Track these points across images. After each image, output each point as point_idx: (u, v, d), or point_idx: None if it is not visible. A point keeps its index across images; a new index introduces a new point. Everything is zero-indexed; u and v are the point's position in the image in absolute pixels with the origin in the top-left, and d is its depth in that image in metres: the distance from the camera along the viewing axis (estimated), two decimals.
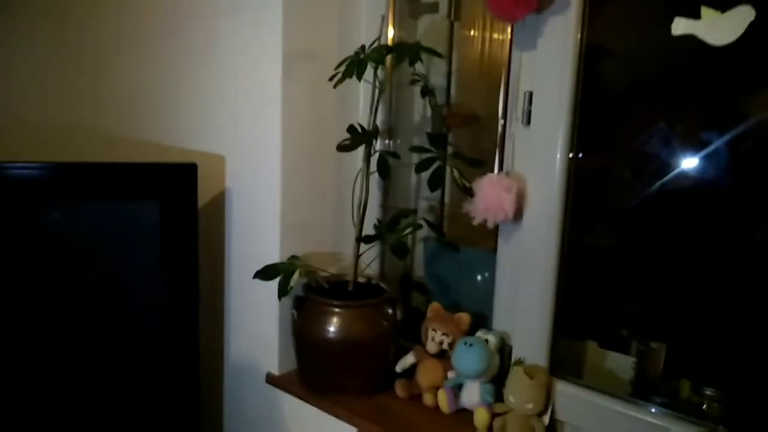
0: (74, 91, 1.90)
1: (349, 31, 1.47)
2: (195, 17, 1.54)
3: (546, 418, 1.20)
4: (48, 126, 1.88)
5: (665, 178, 1.31)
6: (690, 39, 1.03)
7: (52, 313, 1.28)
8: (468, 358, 1.25)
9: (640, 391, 1.28)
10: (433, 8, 1.53)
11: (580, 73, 1.17)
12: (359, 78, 1.22)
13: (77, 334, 1.31)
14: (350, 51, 1.28)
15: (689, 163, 1.29)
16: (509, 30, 1.28)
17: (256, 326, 1.50)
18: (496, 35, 1.50)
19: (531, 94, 1.21)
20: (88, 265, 1.32)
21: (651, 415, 1.14)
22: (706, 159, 1.27)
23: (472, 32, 1.53)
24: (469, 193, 1.23)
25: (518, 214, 1.24)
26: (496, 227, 1.30)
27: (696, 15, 1.02)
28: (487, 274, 1.48)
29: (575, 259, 1.28)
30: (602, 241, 1.45)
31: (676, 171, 1.30)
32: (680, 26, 1.01)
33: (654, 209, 1.35)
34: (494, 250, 1.45)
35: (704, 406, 1.19)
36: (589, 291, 1.43)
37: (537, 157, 1.22)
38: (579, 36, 1.16)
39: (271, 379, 1.47)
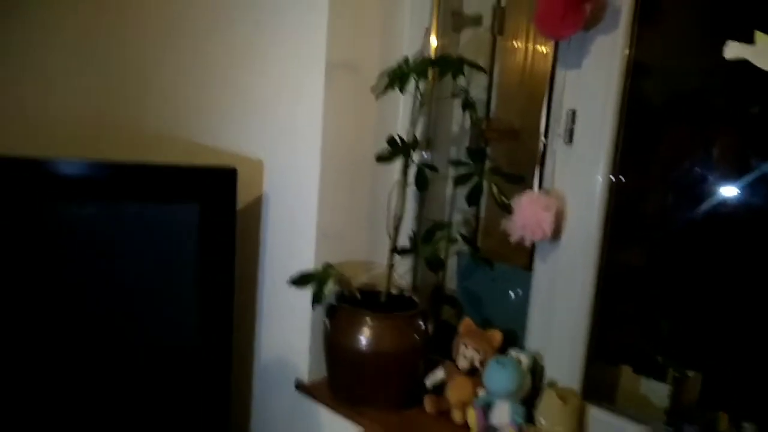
0: (113, 88, 1.93)
1: (392, 42, 1.47)
2: (240, 19, 1.55)
3: None
4: (85, 123, 1.91)
5: (708, 202, 1.28)
6: (741, 62, 1.00)
7: (86, 314, 1.30)
8: (500, 377, 1.23)
9: (675, 420, 1.25)
10: (477, 21, 1.52)
11: (625, 93, 1.15)
12: (402, 90, 1.22)
13: (111, 336, 1.32)
14: (392, 62, 1.28)
15: (732, 187, 1.26)
16: (552, 45, 1.27)
17: (287, 333, 1.51)
18: (539, 50, 1.48)
19: (574, 113, 1.20)
20: (124, 265, 1.33)
21: None
22: (749, 183, 1.24)
23: (514, 46, 1.52)
24: (507, 209, 1.22)
25: (556, 233, 1.23)
26: (532, 244, 1.29)
27: (748, 39, 0.99)
28: (520, 291, 1.46)
29: (612, 282, 1.25)
30: (640, 264, 1.42)
31: (719, 195, 1.27)
32: (733, 50, 0.99)
33: (695, 234, 1.32)
34: (528, 267, 1.43)
35: None
36: (624, 315, 1.40)
37: (578, 176, 1.20)
38: (626, 55, 1.14)
39: (300, 387, 1.47)
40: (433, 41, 1.46)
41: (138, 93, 1.89)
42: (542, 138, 1.25)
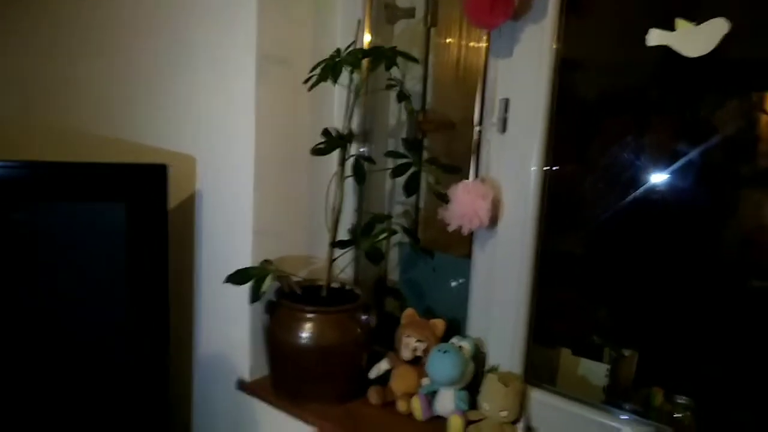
0: (37, 87, 1.85)
1: (324, 35, 1.46)
2: (169, 17, 1.51)
3: (520, 426, 1.20)
4: (10, 124, 1.83)
5: (638, 189, 1.32)
6: (664, 51, 1.04)
7: (10, 318, 1.23)
8: (443, 365, 1.24)
9: (613, 398, 1.29)
10: (410, 13, 1.52)
11: (555, 81, 1.17)
12: (334, 81, 1.21)
13: (39, 341, 1.27)
14: (325, 55, 1.27)
15: (660, 174, 1.31)
16: (485, 37, 1.28)
17: (226, 331, 1.48)
18: (472, 42, 1.50)
19: (507, 102, 1.21)
20: (51, 267, 1.27)
21: (622, 422, 1.14)
22: (676, 171, 1.29)
23: (448, 38, 1.53)
24: (443, 199, 1.23)
25: (493, 221, 1.24)
26: (471, 233, 1.30)
27: (671, 27, 1.03)
28: (461, 280, 1.48)
29: (548, 267, 1.28)
30: (575, 249, 1.46)
31: (648, 182, 1.31)
32: (655, 37, 1.02)
33: (626, 218, 1.36)
34: (468, 256, 1.45)
35: (675, 414, 1.20)
36: (561, 298, 1.44)
37: (512, 164, 1.22)
38: (554, 45, 1.16)
39: (242, 385, 1.45)
40: (366, 34, 1.46)
41: (65, 91, 1.81)
42: (477, 127, 1.26)
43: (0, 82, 1.83)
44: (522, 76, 1.19)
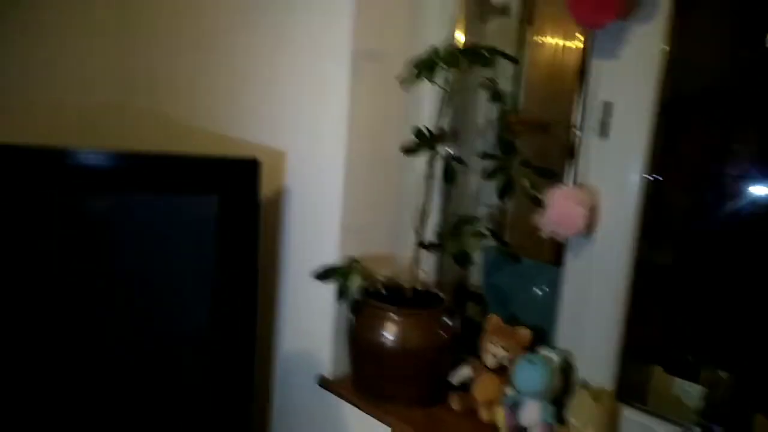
0: (134, 78, 1.91)
1: (418, 32, 1.44)
2: (265, 11, 1.52)
3: None
4: (106, 113, 1.89)
5: (742, 201, 1.24)
6: None
7: (104, 309, 1.27)
8: (530, 375, 1.20)
9: (708, 421, 1.22)
10: (504, 11, 1.48)
11: (664, 85, 1.11)
12: (430, 80, 1.18)
13: (130, 332, 1.30)
14: (418, 52, 1.25)
15: (766, 186, 1.22)
16: (583, 36, 1.23)
17: (310, 328, 1.49)
18: (568, 42, 1.45)
19: (610, 105, 1.16)
20: (143, 258, 1.31)
21: None
22: None
23: (542, 37, 1.48)
24: (539, 204, 1.19)
25: (589, 229, 1.19)
26: (560, 240, 1.26)
27: None
28: (546, 288, 1.43)
29: (644, 280, 1.22)
30: (671, 262, 1.38)
31: (753, 194, 1.23)
32: None
33: (727, 233, 1.28)
34: (555, 262, 1.40)
35: None
36: (655, 313, 1.37)
37: (612, 171, 1.17)
38: (665, 46, 1.10)
39: (323, 382, 1.45)
40: (460, 31, 1.43)
41: (159, 83, 1.87)
42: (576, 131, 1.22)
43: (100, 73, 1.90)
44: (627, 78, 1.13)
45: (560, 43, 1.47)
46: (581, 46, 1.38)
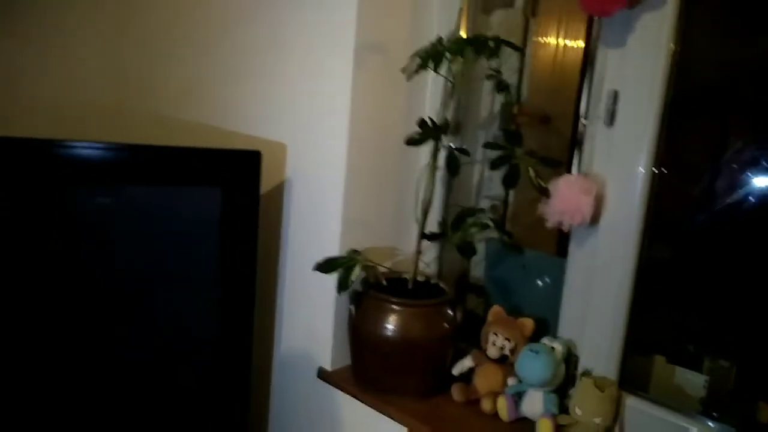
0: (135, 72, 1.90)
1: (421, 24, 1.44)
2: (267, 2, 1.51)
3: None
4: (106, 108, 1.88)
5: (746, 195, 1.25)
6: None
7: (104, 300, 1.26)
8: (534, 365, 1.20)
9: (711, 410, 1.22)
10: (508, 3, 1.48)
11: (672, 74, 1.11)
12: (436, 70, 1.18)
13: (129, 322, 1.29)
14: (421, 43, 1.24)
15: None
16: (589, 25, 1.23)
17: (309, 320, 1.48)
18: (572, 33, 1.45)
19: (616, 93, 1.16)
20: (145, 249, 1.30)
21: None
22: None
23: (547, 29, 1.48)
24: (545, 193, 1.18)
25: (595, 219, 1.19)
26: (563, 231, 1.25)
27: None
28: (548, 279, 1.43)
29: (648, 270, 1.22)
30: (675, 254, 1.39)
31: (758, 186, 1.24)
32: None
33: (733, 225, 1.29)
34: (558, 253, 1.40)
35: None
36: (658, 304, 1.37)
37: (619, 159, 1.17)
38: (673, 35, 1.10)
39: (322, 375, 1.44)
40: (464, 23, 1.43)
41: (157, 78, 1.85)
42: (582, 119, 1.21)
43: (97, 68, 1.88)
44: (635, 67, 1.13)
45: (564, 34, 1.47)
46: (585, 37, 1.38)
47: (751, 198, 1.25)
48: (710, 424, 1.12)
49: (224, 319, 1.35)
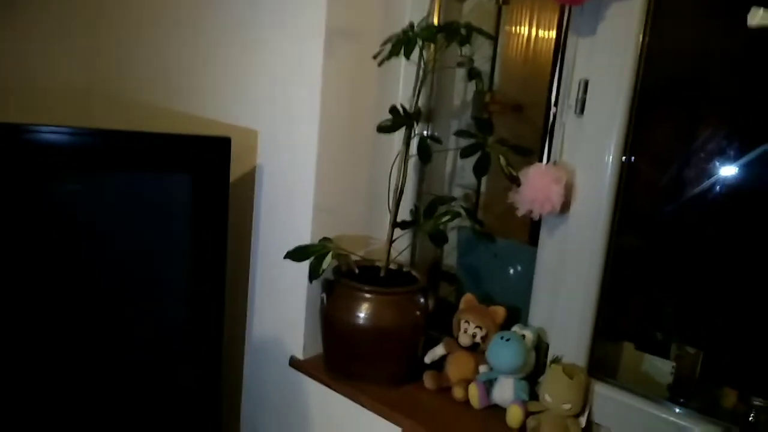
0: (104, 56, 1.86)
1: (393, 10, 1.42)
2: None
3: (583, 420, 1.16)
4: (75, 92, 1.84)
5: (712, 182, 1.26)
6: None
7: (70, 289, 1.23)
8: (505, 353, 1.21)
9: (678, 396, 1.24)
10: None
11: (641, 64, 1.12)
12: (407, 56, 1.17)
13: (97, 311, 1.27)
14: (393, 31, 1.23)
15: (733, 167, 1.24)
16: (558, 17, 1.23)
17: (281, 308, 1.47)
18: (544, 23, 1.45)
19: (587, 83, 1.16)
20: (111, 238, 1.27)
21: (691, 420, 1.10)
22: (758, 165, 1.22)
23: (519, 17, 1.48)
24: (515, 182, 1.19)
25: (565, 207, 1.20)
26: (534, 220, 1.26)
27: None
28: (519, 267, 1.44)
29: (617, 258, 1.23)
30: (642, 241, 1.40)
31: (725, 176, 1.25)
32: (757, 16, 0.96)
33: (698, 213, 1.30)
34: (529, 242, 1.41)
35: (751, 417, 1.15)
36: (626, 291, 1.39)
37: (589, 148, 1.17)
38: (643, 25, 1.10)
39: (294, 363, 1.44)
40: (436, 10, 1.42)
41: (129, 61, 1.81)
42: (552, 108, 1.22)
43: (66, 51, 1.84)
44: (604, 56, 1.13)
45: (537, 23, 1.47)
46: (557, 26, 1.38)
47: (718, 187, 1.26)
48: (676, 409, 1.14)
49: (194, 307, 1.34)
